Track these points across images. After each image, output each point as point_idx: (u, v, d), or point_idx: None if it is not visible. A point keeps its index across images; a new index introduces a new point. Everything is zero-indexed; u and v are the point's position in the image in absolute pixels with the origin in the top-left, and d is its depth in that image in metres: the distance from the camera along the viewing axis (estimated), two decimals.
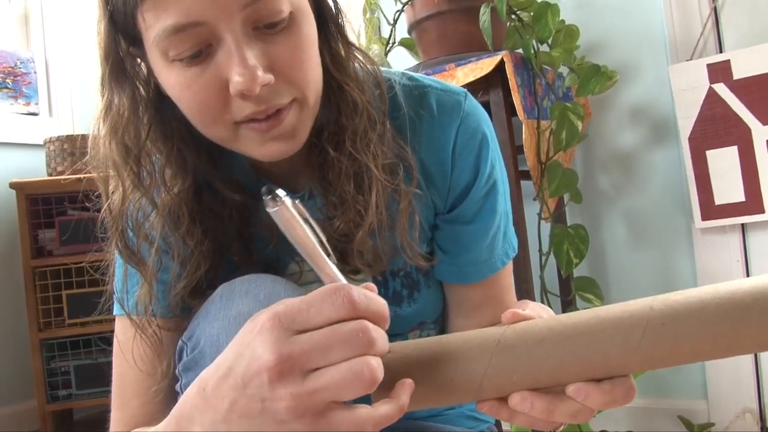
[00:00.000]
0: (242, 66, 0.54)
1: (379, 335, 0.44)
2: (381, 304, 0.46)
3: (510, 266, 0.79)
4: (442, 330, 0.82)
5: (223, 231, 0.69)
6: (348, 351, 0.42)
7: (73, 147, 2.04)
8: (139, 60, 0.62)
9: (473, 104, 0.73)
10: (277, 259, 0.72)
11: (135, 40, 0.59)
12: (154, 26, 0.54)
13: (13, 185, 1.92)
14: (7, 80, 2.27)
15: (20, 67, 2.30)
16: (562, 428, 0.55)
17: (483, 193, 0.73)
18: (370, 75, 0.69)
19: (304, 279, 0.73)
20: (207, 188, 0.68)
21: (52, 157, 2.04)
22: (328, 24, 0.66)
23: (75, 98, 2.42)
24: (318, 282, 0.74)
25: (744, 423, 1.52)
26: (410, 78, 0.73)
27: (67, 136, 2.05)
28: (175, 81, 0.58)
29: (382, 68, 0.72)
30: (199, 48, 0.55)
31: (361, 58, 0.69)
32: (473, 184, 0.72)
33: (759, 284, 0.42)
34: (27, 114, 2.32)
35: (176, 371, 0.66)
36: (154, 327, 0.67)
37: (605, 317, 0.46)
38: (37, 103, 2.34)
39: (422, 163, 0.71)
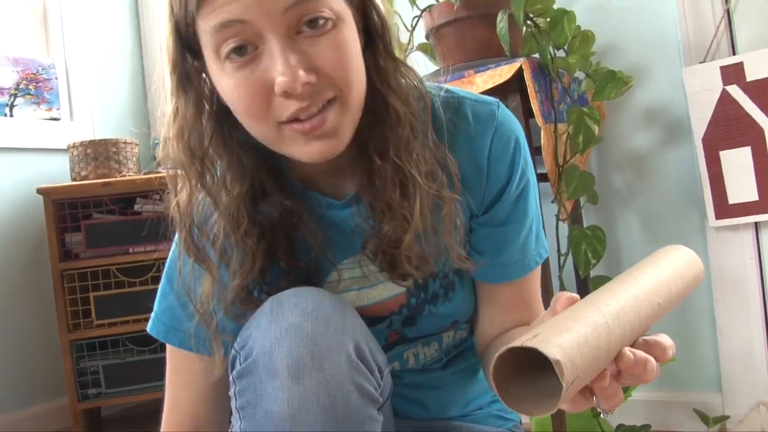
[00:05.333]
0: (284, 66, 0.59)
1: None
2: None
3: (539, 270, 0.83)
4: (472, 328, 0.86)
5: (274, 234, 0.74)
6: None
7: (96, 152, 2.07)
8: (204, 75, 0.68)
9: (506, 113, 0.77)
10: (318, 266, 0.76)
11: (198, 54, 0.65)
12: (207, 30, 0.61)
13: (40, 191, 1.96)
14: (30, 86, 2.31)
15: (42, 73, 2.34)
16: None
17: (515, 197, 0.77)
18: (414, 89, 0.73)
19: (343, 286, 0.78)
20: (261, 193, 0.73)
21: (76, 161, 2.08)
22: (376, 42, 0.70)
23: (95, 103, 2.46)
24: (357, 289, 0.78)
25: (759, 415, 1.55)
26: (446, 90, 0.78)
27: (90, 141, 2.09)
28: (227, 83, 0.63)
29: None
30: (244, 43, 0.61)
31: (405, 72, 0.73)
32: (506, 188, 0.76)
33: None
34: (49, 119, 2.36)
35: (230, 378, 0.71)
36: (214, 325, 0.72)
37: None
38: (58, 109, 2.39)
39: (460, 169, 0.74)
